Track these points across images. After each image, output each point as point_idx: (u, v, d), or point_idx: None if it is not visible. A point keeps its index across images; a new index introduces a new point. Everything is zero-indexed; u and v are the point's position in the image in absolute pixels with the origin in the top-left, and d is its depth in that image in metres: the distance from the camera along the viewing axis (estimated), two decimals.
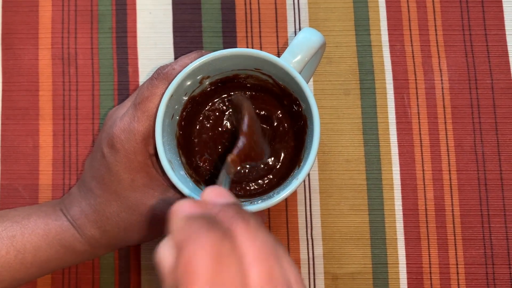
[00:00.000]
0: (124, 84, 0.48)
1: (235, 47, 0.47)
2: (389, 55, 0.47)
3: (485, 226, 0.45)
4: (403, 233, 0.45)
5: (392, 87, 0.47)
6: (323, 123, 0.46)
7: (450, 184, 0.46)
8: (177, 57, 0.47)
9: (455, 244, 0.45)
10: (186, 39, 0.48)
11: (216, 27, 0.48)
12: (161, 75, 0.38)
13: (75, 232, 0.40)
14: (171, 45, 0.48)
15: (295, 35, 0.44)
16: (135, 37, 0.48)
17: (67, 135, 0.47)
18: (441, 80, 0.47)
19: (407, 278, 0.45)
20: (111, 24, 0.48)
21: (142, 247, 0.46)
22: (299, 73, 0.37)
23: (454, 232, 0.45)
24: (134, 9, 0.48)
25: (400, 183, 0.46)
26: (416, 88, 0.47)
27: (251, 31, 0.48)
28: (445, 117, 0.46)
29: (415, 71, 0.47)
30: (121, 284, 0.46)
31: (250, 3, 0.48)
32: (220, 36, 0.48)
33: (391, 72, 0.47)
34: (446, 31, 0.47)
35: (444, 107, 0.46)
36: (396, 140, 0.46)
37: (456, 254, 0.45)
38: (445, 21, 0.47)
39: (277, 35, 0.48)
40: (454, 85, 0.47)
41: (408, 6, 0.48)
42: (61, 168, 0.47)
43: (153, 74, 0.39)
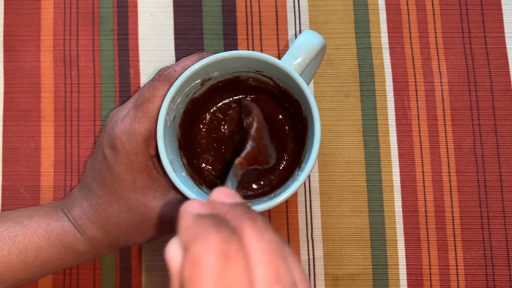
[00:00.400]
0: (126, 86, 0.48)
1: (236, 50, 0.47)
2: (389, 57, 0.47)
3: (485, 228, 0.45)
4: (403, 234, 0.45)
5: (392, 89, 0.47)
6: (324, 125, 0.47)
7: (450, 185, 0.46)
8: (178, 59, 0.48)
9: (454, 246, 0.45)
10: (187, 42, 0.48)
11: (217, 29, 0.48)
12: (163, 76, 0.38)
13: (76, 233, 0.40)
14: (172, 47, 0.48)
15: (296, 37, 0.44)
16: (136, 39, 0.48)
17: (68, 137, 0.47)
18: (441, 82, 0.47)
19: (407, 280, 0.45)
20: (113, 26, 0.48)
21: (143, 247, 0.46)
22: (300, 75, 0.37)
23: (454, 233, 0.45)
24: (135, 12, 0.49)
25: (400, 185, 0.46)
26: (416, 90, 0.47)
27: (252, 33, 0.48)
28: (444, 119, 0.46)
29: (415, 73, 0.47)
30: (122, 285, 0.46)
31: (250, 6, 0.48)
32: (221, 38, 0.48)
33: (391, 74, 0.47)
34: (445, 33, 0.47)
35: (443, 109, 0.47)
36: (396, 142, 0.46)
37: (456, 256, 0.45)
38: (445, 24, 0.48)
39: (277, 38, 0.48)
40: (454, 87, 0.47)
41: (408, 9, 0.48)
42: (63, 170, 0.47)
43: (154, 75, 0.39)
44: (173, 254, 0.24)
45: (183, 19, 0.48)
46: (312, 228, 0.46)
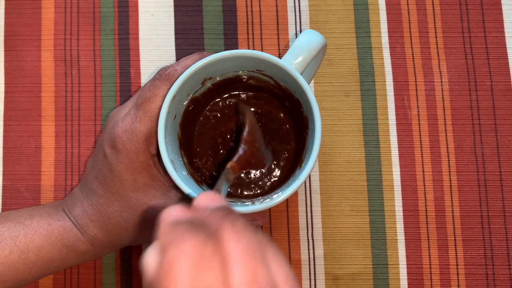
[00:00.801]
0: (126, 86, 0.48)
1: (237, 49, 0.47)
2: (390, 57, 0.47)
3: (485, 227, 0.45)
4: (403, 234, 0.45)
5: (393, 89, 0.47)
6: (324, 125, 0.47)
7: (450, 185, 0.46)
8: (178, 59, 0.48)
9: (455, 245, 0.45)
10: (188, 41, 0.48)
11: (217, 29, 0.48)
12: (163, 76, 0.38)
13: (77, 232, 0.40)
14: (173, 47, 0.48)
15: (296, 37, 0.44)
16: (137, 39, 0.48)
17: (69, 136, 0.47)
18: (441, 82, 0.47)
19: (408, 279, 0.45)
20: (113, 26, 0.48)
21: (144, 247, 0.46)
22: (301, 74, 0.37)
23: (454, 233, 0.45)
24: (136, 11, 0.49)
25: (400, 184, 0.46)
26: (416, 90, 0.47)
27: (252, 33, 0.48)
28: (445, 119, 0.47)
29: (415, 73, 0.47)
30: (122, 284, 0.46)
31: (251, 6, 0.48)
32: (222, 38, 0.48)
33: (391, 74, 0.47)
34: (446, 33, 0.48)
35: (444, 109, 0.47)
36: (397, 142, 0.46)
37: (456, 255, 0.45)
38: (445, 24, 0.48)
39: (278, 37, 0.48)
40: (454, 87, 0.47)
41: (408, 9, 0.48)
42: (63, 169, 0.47)
43: (155, 75, 0.39)
44: (150, 259, 0.24)
45: (184, 18, 0.48)
46: (312, 228, 0.46)
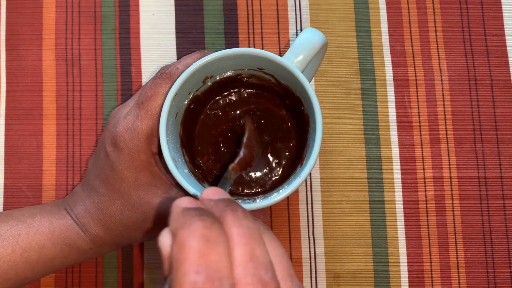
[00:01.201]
0: (127, 85, 0.48)
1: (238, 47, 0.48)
2: (390, 56, 0.48)
3: (486, 225, 0.46)
4: (404, 232, 0.46)
5: (393, 87, 0.47)
6: (325, 123, 0.47)
7: (451, 183, 0.46)
8: (179, 57, 0.48)
9: (455, 243, 0.45)
10: (189, 40, 0.48)
11: (218, 28, 0.48)
12: (164, 74, 0.38)
13: (79, 231, 0.40)
14: (174, 46, 0.48)
15: (297, 36, 0.44)
16: (138, 38, 0.48)
17: (70, 135, 0.48)
18: (441, 80, 0.47)
19: (408, 277, 0.45)
20: (115, 25, 0.49)
21: (145, 245, 0.46)
22: (302, 72, 0.37)
23: (455, 230, 0.45)
24: (137, 11, 0.49)
25: (401, 182, 0.46)
26: (417, 88, 0.47)
27: (253, 32, 0.48)
28: (445, 117, 0.47)
29: (415, 71, 0.47)
30: (124, 282, 0.46)
31: (252, 5, 0.48)
32: (222, 37, 0.48)
33: (391, 72, 0.47)
34: (446, 32, 0.48)
35: (444, 107, 0.47)
36: (397, 140, 0.47)
37: (456, 253, 0.45)
38: (445, 22, 0.48)
39: (278, 36, 0.48)
40: (454, 85, 0.47)
41: (408, 7, 0.48)
42: (65, 168, 0.47)
43: (156, 73, 0.39)
44: (164, 241, 0.27)
45: (185, 18, 0.49)
46: (313, 226, 0.46)
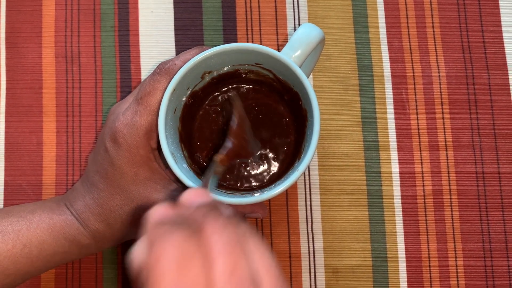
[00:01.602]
0: (127, 82, 0.48)
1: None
2: (388, 52, 0.48)
3: (483, 220, 0.46)
4: (402, 227, 0.46)
5: (391, 83, 0.47)
6: (323, 119, 0.47)
7: (449, 178, 0.46)
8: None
9: (453, 238, 0.46)
10: (188, 37, 0.49)
11: (217, 25, 0.49)
12: (163, 70, 0.39)
13: (79, 226, 0.40)
14: (173, 43, 0.49)
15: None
16: (137, 35, 0.49)
17: (70, 132, 0.48)
18: (439, 76, 0.47)
19: (407, 271, 0.45)
20: (114, 22, 0.49)
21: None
22: (299, 67, 0.37)
23: (453, 225, 0.46)
24: (136, 8, 0.49)
25: (399, 178, 0.46)
26: (414, 84, 0.47)
27: (252, 28, 0.48)
28: (443, 112, 0.47)
29: (413, 67, 0.48)
30: (124, 279, 0.46)
31: (250, 1, 0.49)
32: (221, 34, 0.48)
33: (389, 68, 0.48)
34: (443, 28, 0.48)
35: (442, 103, 0.47)
36: (395, 135, 0.47)
37: (454, 248, 0.45)
38: (442, 18, 0.48)
39: (277, 33, 0.48)
40: (452, 81, 0.47)
41: (405, 4, 0.48)
42: (65, 165, 0.47)
43: (155, 69, 0.39)
44: (136, 256, 0.25)
45: (183, 15, 0.49)
46: (312, 221, 0.46)
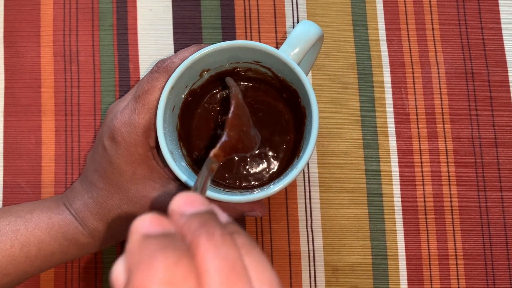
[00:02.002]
0: (125, 80, 0.48)
1: None
2: (387, 50, 0.48)
3: (484, 217, 0.46)
4: (402, 224, 0.46)
5: (390, 80, 0.47)
6: (322, 117, 0.47)
7: (448, 175, 0.46)
8: None
9: (454, 235, 0.45)
10: (186, 36, 0.48)
11: (215, 23, 0.48)
12: (161, 68, 0.39)
13: (78, 225, 0.40)
14: (171, 42, 0.48)
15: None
16: (135, 34, 0.49)
17: (69, 131, 0.48)
18: (438, 73, 0.47)
19: (407, 269, 0.45)
20: (112, 21, 0.49)
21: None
22: (298, 65, 0.37)
23: (453, 223, 0.46)
24: (134, 7, 0.49)
25: (398, 175, 0.46)
26: (414, 81, 0.47)
27: (250, 27, 0.48)
28: (442, 110, 0.47)
29: (412, 65, 0.47)
30: None
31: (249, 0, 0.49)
32: (220, 32, 0.48)
33: (388, 66, 0.47)
34: (442, 25, 0.48)
35: (441, 100, 0.47)
36: (394, 133, 0.47)
37: (455, 245, 0.45)
38: (441, 15, 0.48)
39: (275, 31, 0.48)
40: (451, 78, 0.47)
41: (404, 1, 0.48)
42: (63, 164, 0.47)
43: (153, 67, 0.39)
44: (118, 276, 0.22)
45: (182, 13, 0.49)
46: (311, 219, 0.46)
